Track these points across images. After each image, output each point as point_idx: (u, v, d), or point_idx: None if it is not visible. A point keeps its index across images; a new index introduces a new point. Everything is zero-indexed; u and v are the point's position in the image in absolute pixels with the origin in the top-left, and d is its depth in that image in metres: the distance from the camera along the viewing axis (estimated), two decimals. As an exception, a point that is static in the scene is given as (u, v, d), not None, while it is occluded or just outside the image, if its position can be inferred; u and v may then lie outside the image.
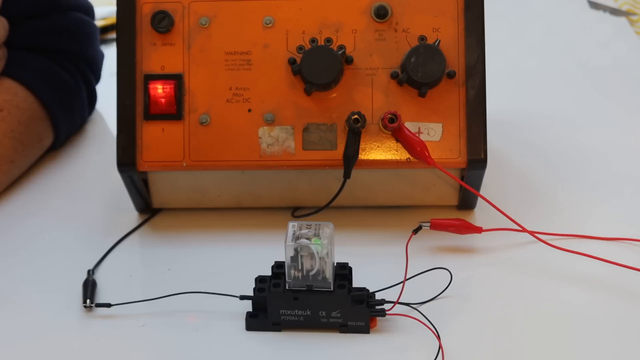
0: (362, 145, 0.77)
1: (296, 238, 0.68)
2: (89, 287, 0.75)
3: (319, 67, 0.76)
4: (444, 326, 0.70)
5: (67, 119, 0.95)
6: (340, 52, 0.77)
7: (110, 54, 1.01)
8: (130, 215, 0.86)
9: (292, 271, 0.69)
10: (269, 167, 0.79)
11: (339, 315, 0.70)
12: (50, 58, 0.94)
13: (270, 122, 0.78)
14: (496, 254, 0.79)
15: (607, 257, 0.75)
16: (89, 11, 1.00)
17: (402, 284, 0.72)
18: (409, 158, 0.78)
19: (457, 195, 0.83)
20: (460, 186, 0.81)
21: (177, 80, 0.79)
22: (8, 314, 0.74)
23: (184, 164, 0.79)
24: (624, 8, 1.24)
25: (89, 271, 0.77)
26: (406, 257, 0.73)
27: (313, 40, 0.78)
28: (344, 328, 0.70)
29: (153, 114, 0.79)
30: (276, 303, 0.70)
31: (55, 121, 0.93)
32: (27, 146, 0.91)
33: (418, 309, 0.72)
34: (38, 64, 0.93)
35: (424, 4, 0.78)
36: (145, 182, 0.82)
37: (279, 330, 0.71)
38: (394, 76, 0.78)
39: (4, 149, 0.88)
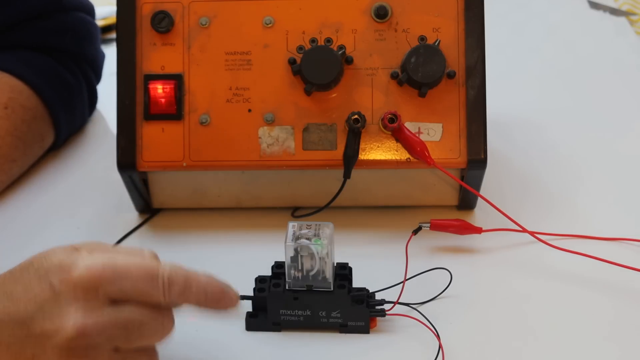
0: (362, 145, 0.77)
1: (296, 238, 0.68)
2: (89, 287, 0.75)
3: (319, 67, 0.76)
4: (444, 326, 0.70)
5: (69, 118, 0.95)
6: (340, 52, 0.77)
7: (110, 54, 1.01)
8: (130, 215, 0.86)
9: (292, 271, 0.69)
10: (269, 167, 0.79)
11: (339, 315, 0.70)
12: (53, 58, 0.94)
13: (270, 122, 0.78)
14: (496, 254, 0.79)
15: (607, 257, 0.75)
16: (91, 11, 1.00)
17: (402, 284, 0.72)
18: (409, 158, 0.78)
19: (457, 195, 0.83)
20: (460, 186, 0.81)
21: (177, 80, 0.79)
22: (8, 313, 0.74)
23: (184, 164, 0.79)
24: (624, 8, 1.24)
25: (89, 271, 0.77)
26: (406, 258, 0.73)
27: (313, 40, 0.78)
28: (344, 328, 0.70)
29: (153, 114, 0.79)
30: (276, 303, 0.70)
31: (57, 121, 0.93)
32: (28, 145, 0.90)
33: (418, 309, 0.72)
34: (42, 64, 0.93)
35: (424, 4, 0.78)
36: (145, 182, 0.82)
37: (278, 330, 0.71)
38: (394, 76, 0.78)
39: (6, 148, 0.88)
